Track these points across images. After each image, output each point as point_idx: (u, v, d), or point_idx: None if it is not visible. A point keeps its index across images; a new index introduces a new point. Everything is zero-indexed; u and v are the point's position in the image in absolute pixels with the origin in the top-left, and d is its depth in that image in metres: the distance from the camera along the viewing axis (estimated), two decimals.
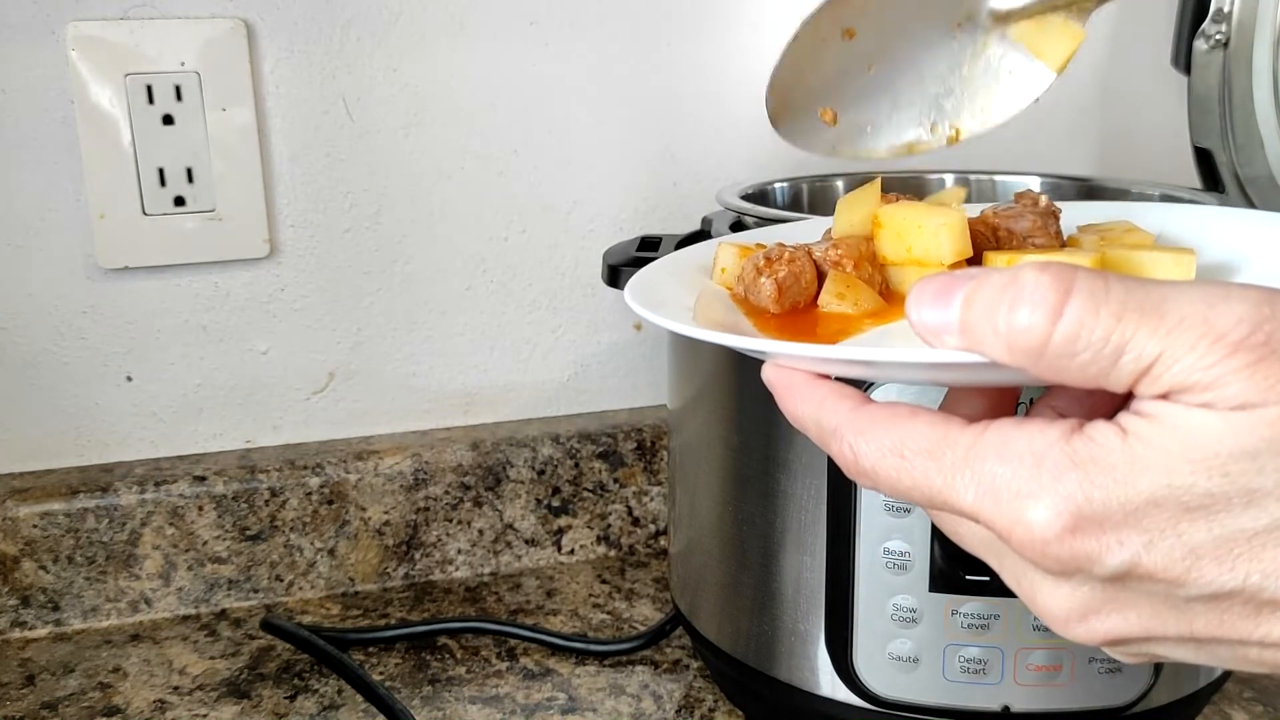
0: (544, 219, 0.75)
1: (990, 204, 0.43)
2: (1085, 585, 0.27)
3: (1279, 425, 0.24)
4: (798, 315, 0.37)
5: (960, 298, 0.27)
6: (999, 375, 0.28)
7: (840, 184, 0.72)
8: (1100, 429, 0.26)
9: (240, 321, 0.72)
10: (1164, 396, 0.25)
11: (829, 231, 0.42)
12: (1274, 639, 0.26)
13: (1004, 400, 0.34)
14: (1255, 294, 0.25)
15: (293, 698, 0.61)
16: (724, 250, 0.41)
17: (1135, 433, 0.26)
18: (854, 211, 0.41)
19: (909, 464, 0.29)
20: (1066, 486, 0.26)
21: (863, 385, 0.44)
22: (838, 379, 0.32)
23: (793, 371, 0.33)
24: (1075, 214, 0.43)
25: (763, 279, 0.37)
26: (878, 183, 0.41)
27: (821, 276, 0.38)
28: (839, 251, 0.37)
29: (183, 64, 0.66)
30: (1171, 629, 0.27)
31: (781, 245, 0.38)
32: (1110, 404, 0.29)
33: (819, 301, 0.37)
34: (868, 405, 0.31)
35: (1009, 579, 0.30)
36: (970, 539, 0.31)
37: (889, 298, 0.38)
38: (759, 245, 0.40)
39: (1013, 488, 0.27)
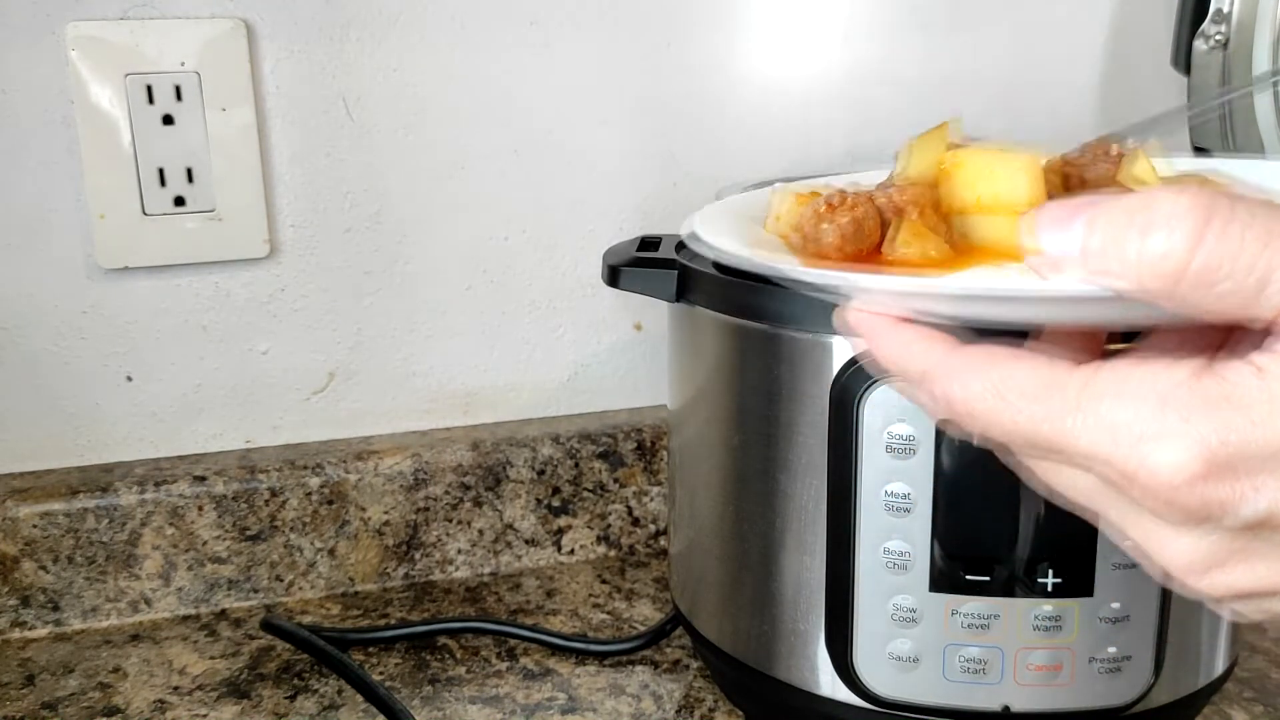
0: (544, 219, 0.75)
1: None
2: (1213, 535, 0.25)
3: None
4: (860, 264, 0.35)
5: (1082, 222, 0.25)
6: (1116, 312, 0.26)
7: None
8: (1233, 367, 0.24)
9: (240, 321, 0.72)
10: None
11: (890, 179, 0.39)
12: None
13: (1090, 345, 0.31)
14: None
15: (293, 698, 0.61)
16: (779, 197, 0.38)
17: (1273, 371, 0.24)
18: (922, 155, 0.38)
19: (1010, 406, 0.27)
20: (1197, 428, 0.24)
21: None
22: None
23: (878, 314, 0.30)
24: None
25: (824, 225, 0.35)
26: (945, 126, 0.38)
27: (885, 224, 0.35)
28: (905, 196, 0.35)
29: (183, 64, 0.66)
30: None
31: (843, 191, 0.36)
32: (1213, 352, 0.27)
33: (883, 250, 0.35)
34: (962, 348, 0.29)
35: (1116, 528, 0.28)
36: (1072, 487, 0.29)
37: (955, 247, 0.35)
38: (814, 193, 0.38)
39: (1135, 430, 0.25)
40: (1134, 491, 0.25)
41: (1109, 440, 0.25)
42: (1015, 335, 0.30)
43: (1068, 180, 0.38)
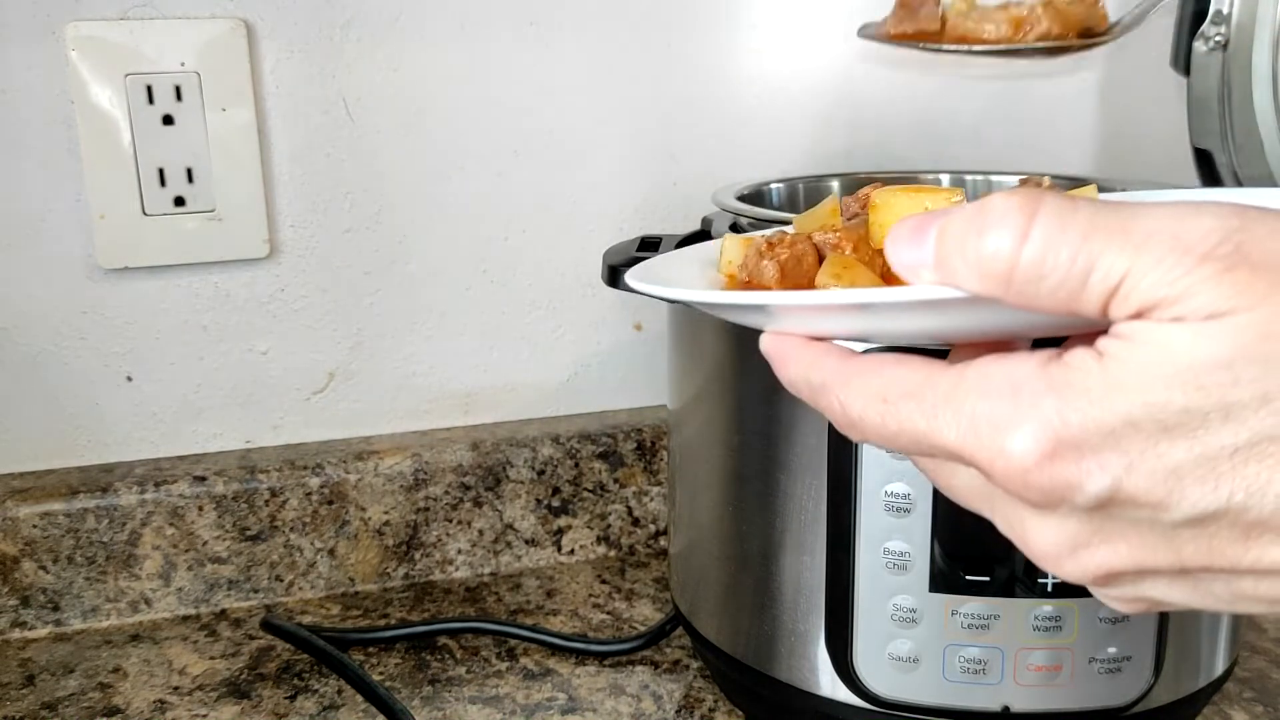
0: (544, 219, 0.75)
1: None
2: (1071, 517, 0.27)
3: (1250, 331, 0.23)
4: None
5: (934, 231, 0.27)
6: (987, 315, 0.28)
7: (835, 184, 0.72)
8: (1077, 354, 0.26)
9: (240, 322, 0.72)
10: (1138, 316, 0.25)
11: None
12: (1266, 564, 0.25)
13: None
14: (1226, 207, 0.24)
15: (293, 698, 0.61)
16: (729, 242, 0.41)
17: (1110, 354, 0.25)
18: (814, 214, 0.42)
19: (893, 408, 0.28)
20: (1043, 412, 0.25)
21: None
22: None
23: (787, 338, 0.32)
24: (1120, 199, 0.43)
25: (765, 261, 0.37)
26: (835, 196, 0.42)
27: (822, 260, 0.38)
28: (838, 235, 0.38)
29: (183, 64, 0.66)
30: (1162, 559, 0.26)
31: (783, 231, 0.39)
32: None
33: (816, 281, 0.37)
34: (854, 357, 0.30)
35: (1002, 525, 0.29)
36: (963, 489, 0.30)
37: (890, 280, 0.37)
38: (763, 235, 0.41)
39: (992, 420, 0.26)
40: (997, 479, 0.26)
41: (972, 433, 0.26)
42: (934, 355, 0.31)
43: None
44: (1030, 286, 0.25)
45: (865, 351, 0.31)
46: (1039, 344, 0.34)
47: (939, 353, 0.31)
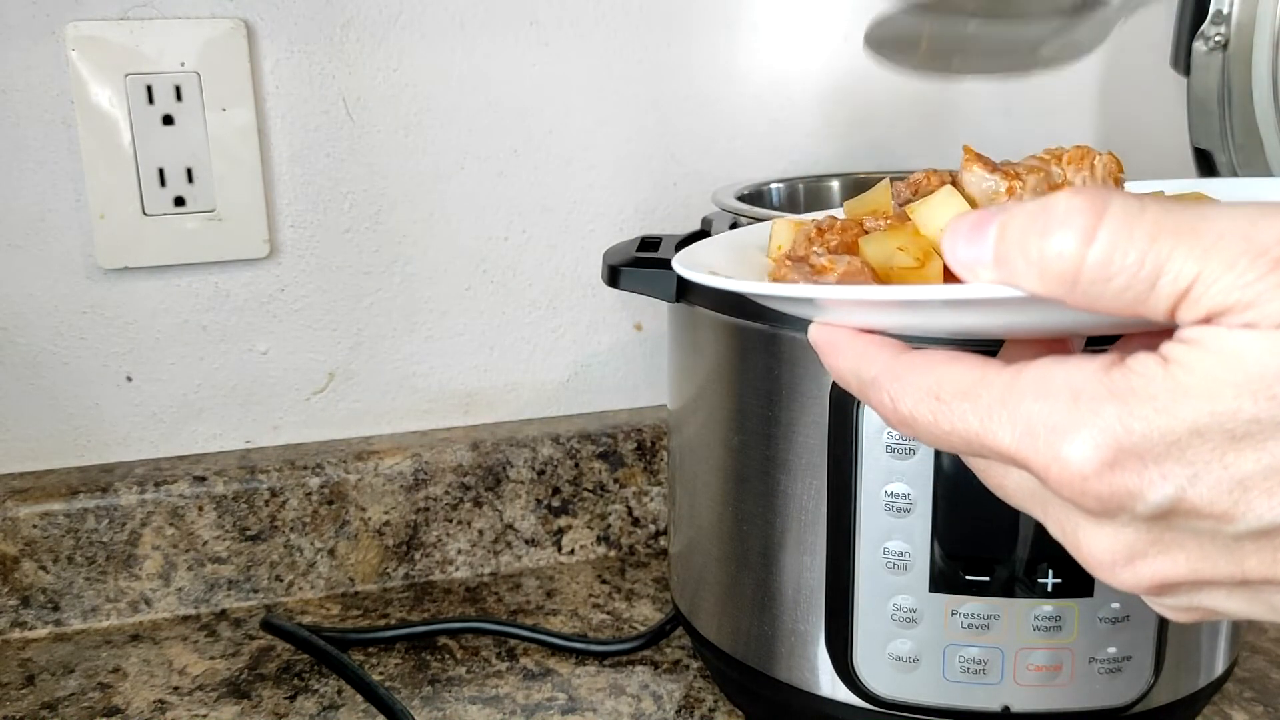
0: (544, 219, 0.75)
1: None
2: (1129, 526, 0.26)
3: None
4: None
5: (994, 229, 0.26)
6: (1044, 315, 0.27)
7: (835, 184, 0.72)
8: (1141, 359, 0.25)
9: (240, 321, 0.72)
10: (1206, 321, 0.24)
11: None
12: None
13: (1059, 354, 0.33)
14: None
15: (293, 698, 0.61)
16: (779, 225, 0.41)
17: (1177, 359, 0.24)
18: (865, 200, 0.41)
19: (946, 407, 0.27)
20: (1105, 419, 0.24)
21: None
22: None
23: (836, 329, 0.32)
24: (1144, 187, 0.42)
25: (815, 247, 0.37)
26: (886, 182, 0.40)
27: None
28: (889, 221, 0.37)
29: (183, 64, 0.66)
30: (1223, 571, 0.26)
31: (833, 216, 0.38)
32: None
33: (861, 250, 0.37)
34: (906, 352, 0.29)
35: (1054, 529, 0.28)
36: (1015, 491, 0.30)
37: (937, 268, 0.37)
38: (814, 220, 0.40)
39: (1049, 424, 0.25)
40: (1052, 484, 0.26)
41: (1028, 436, 0.26)
42: (985, 349, 0.30)
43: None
44: (1095, 288, 0.24)
45: (918, 347, 0.30)
46: (1092, 341, 0.33)
47: (990, 350, 0.30)
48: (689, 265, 0.37)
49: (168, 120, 0.67)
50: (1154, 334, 0.26)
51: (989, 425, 0.26)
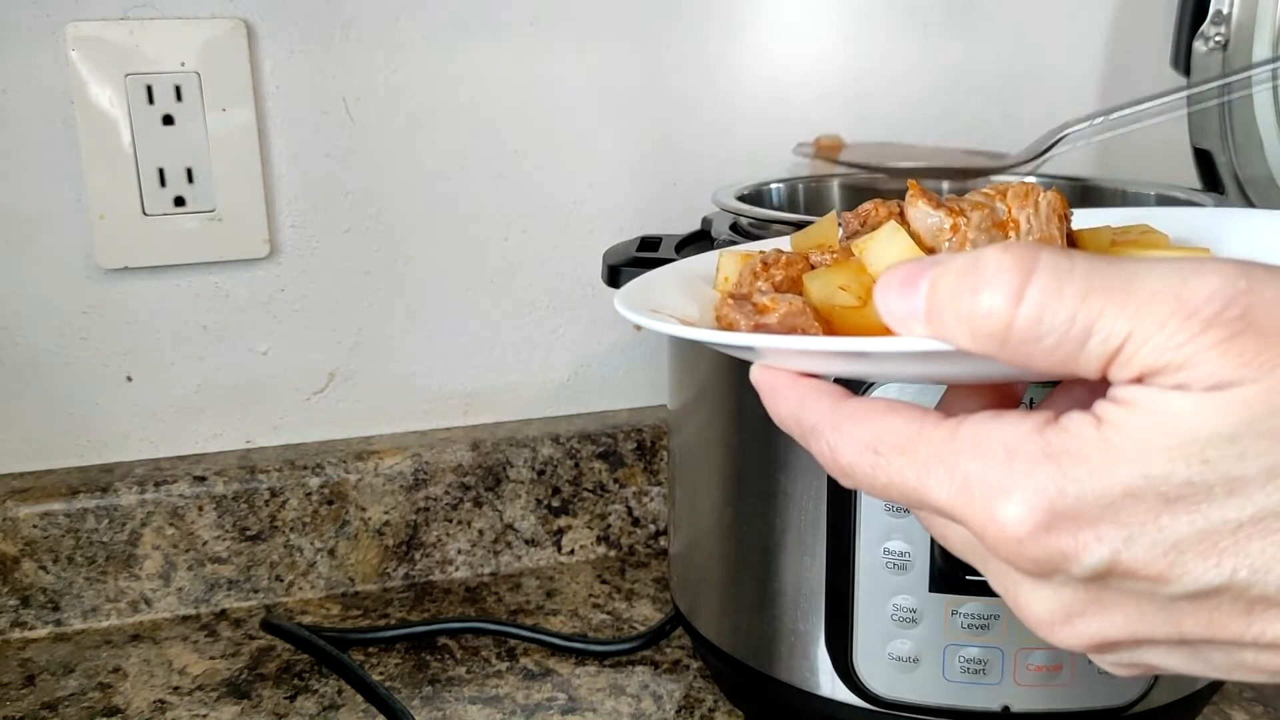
0: (544, 219, 0.75)
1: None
2: (1066, 586, 0.26)
3: (1257, 404, 0.23)
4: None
5: (925, 284, 0.26)
6: (980, 366, 0.27)
7: (835, 184, 0.72)
8: (1075, 419, 0.25)
9: (240, 321, 0.72)
10: (1138, 380, 0.24)
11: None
12: (1269, 639, 0.24)
13: (1004, 399, 0.32)
14: (1230, 267, 0.23)
15: (293, 698, 0.61)
16: (725, 258, 0.41)
17: (1109, 420, 0.24)
18: (810, 233, 0.40)
19: (884, 460, 0.27)
20: (1039, 480, 0.24)
21: (859, 389, 0.43)
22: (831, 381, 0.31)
23: (777, 372, 0.31)
24: (1090, 218, 0.43)
25: (759, 283, 0.37)
26: (833, 214, 0.40)
27: None
28: (834, 255, 0.37)
29: (183, 64, 0.66)
30: (1160, 631, 0.26)
31: (779, 250, 0.38)
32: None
33: (806, 287, 0.37)
34: (846, 400, 0.29)
35: (994, 583, 0.29)
36: (957, 543, 0.30)
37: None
38: (760, 253, 0.40)
39: (985, 483, 0.25)
40: (988, 544, 0.26)
41: (964, 495, 0.26)
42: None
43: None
44: (1026, 346, 0.24)
45: (860, 393, 0.30)
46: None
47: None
48: (634, 300, 0.36)
49: (168, 120, 0.67)
50: (1096, 382, 0.26)
51: (925, 481, 0.26)
